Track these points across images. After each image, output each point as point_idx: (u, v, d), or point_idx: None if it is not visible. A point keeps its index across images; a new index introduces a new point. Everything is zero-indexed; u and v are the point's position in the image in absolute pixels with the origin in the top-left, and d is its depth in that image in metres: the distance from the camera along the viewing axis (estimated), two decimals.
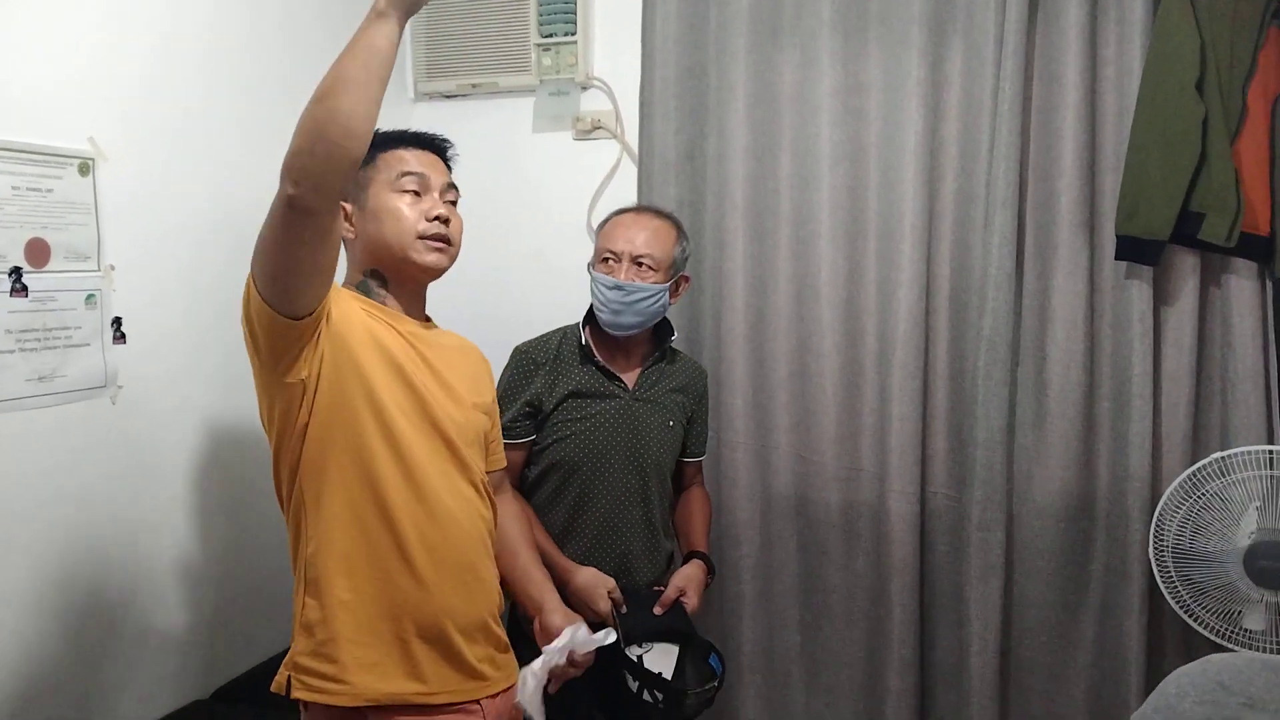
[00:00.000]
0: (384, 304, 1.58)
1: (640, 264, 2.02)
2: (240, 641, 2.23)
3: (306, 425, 1.44)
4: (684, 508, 2.26)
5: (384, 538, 1.47)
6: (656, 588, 2.09)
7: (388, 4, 1.26)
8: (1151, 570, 2.25)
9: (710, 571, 2.17)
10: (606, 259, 2.05)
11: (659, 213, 2.13)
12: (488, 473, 1.70)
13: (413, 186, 1.56)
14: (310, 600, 1.48)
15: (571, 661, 1.72)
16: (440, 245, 1.57)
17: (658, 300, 2.04)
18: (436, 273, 1.60)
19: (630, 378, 2.11)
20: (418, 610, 1.49)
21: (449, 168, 1.67)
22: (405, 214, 1.54)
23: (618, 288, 2.00)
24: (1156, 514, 2.24)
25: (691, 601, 2.07)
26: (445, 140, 1.68)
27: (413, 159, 1.58)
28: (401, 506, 1.48)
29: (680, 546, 2.24)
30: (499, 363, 2.20)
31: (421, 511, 1.50)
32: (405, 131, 1.62)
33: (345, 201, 1.53)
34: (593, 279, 2.06)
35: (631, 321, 2.04)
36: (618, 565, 2.06)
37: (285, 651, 2.17)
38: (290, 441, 1.46)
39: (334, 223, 1.34)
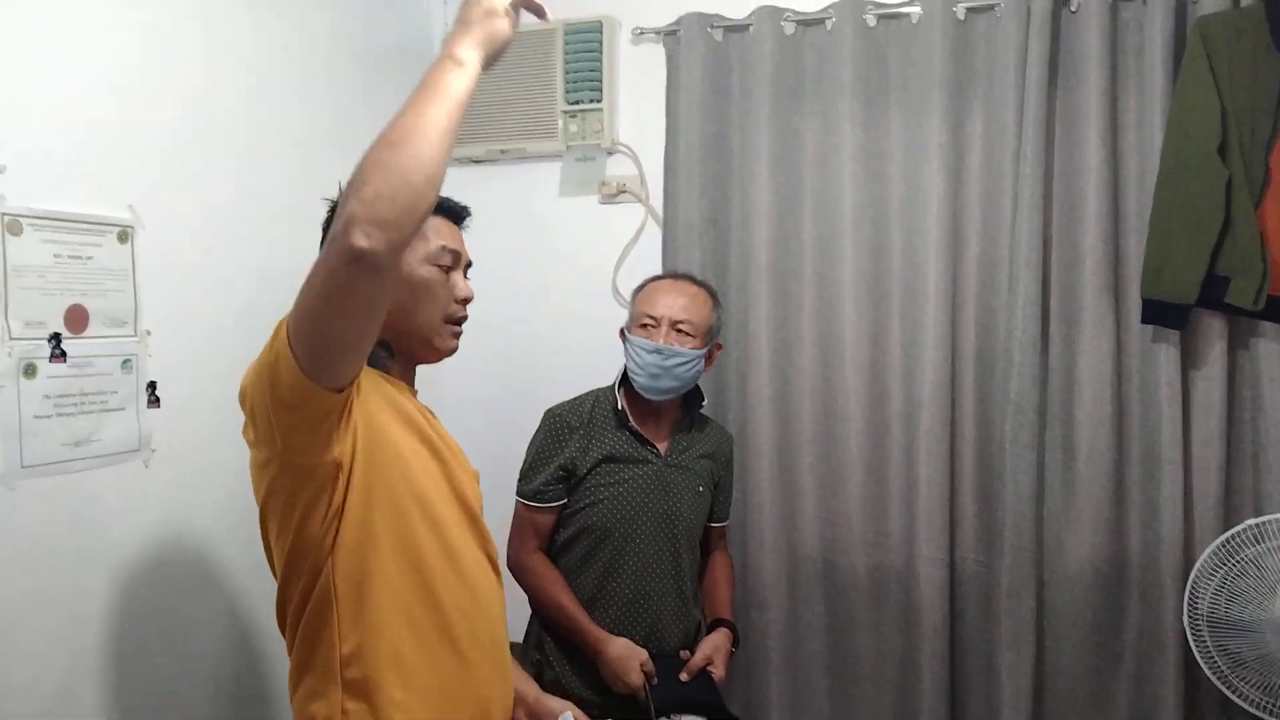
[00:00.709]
0: (390, 374, 1.47)
1: (679, 329, 2.05)
2: (265, 705, 2.22)
3: (340, 510, 1.31)
4: (709, 574, 2.26)
5: (432, 626, 1.37)
6: (683, 653, 2.08)
7: (471, 55, 1.20)
8: (1187, 639, 2.21)
9: (735, 640, 2.16)
10: (645, 324, 2.06)
11: (695, 280, 2.16)
12: None
13: (447, 262, 1.47)
14: (353, 704, 1.33)
15: None
16: (460, 331, 1.52)
17: (694, 366, 2.06)
18: (445, 358, 1.53)
19: (662, 444, 2.12)
20: (468, 698, 1.41)
21: None
22: (438, 293, 1.46)
23: (657, 351, 2.02)
24: (1190, 581, 2.20)
25: (718, 671, 2.05)
26: (468, 210, 1.59)
27: (448, 232, 1.50)
28: (447, 591, 1.39)
29: (705, 614, 2.22)
30: (528, 424, 2.22)
31: (464, 594, 1.42)
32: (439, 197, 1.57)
33: None
34: (630, 343, 2.08)
35: (669, 386, 2.06)
36: (648, 633, 2.05)
37: None
38: (316, 531, 1.31)
39: (393, 282, 1.21)
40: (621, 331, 2.15)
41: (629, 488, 2.06)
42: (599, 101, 2.73)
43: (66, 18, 1.75)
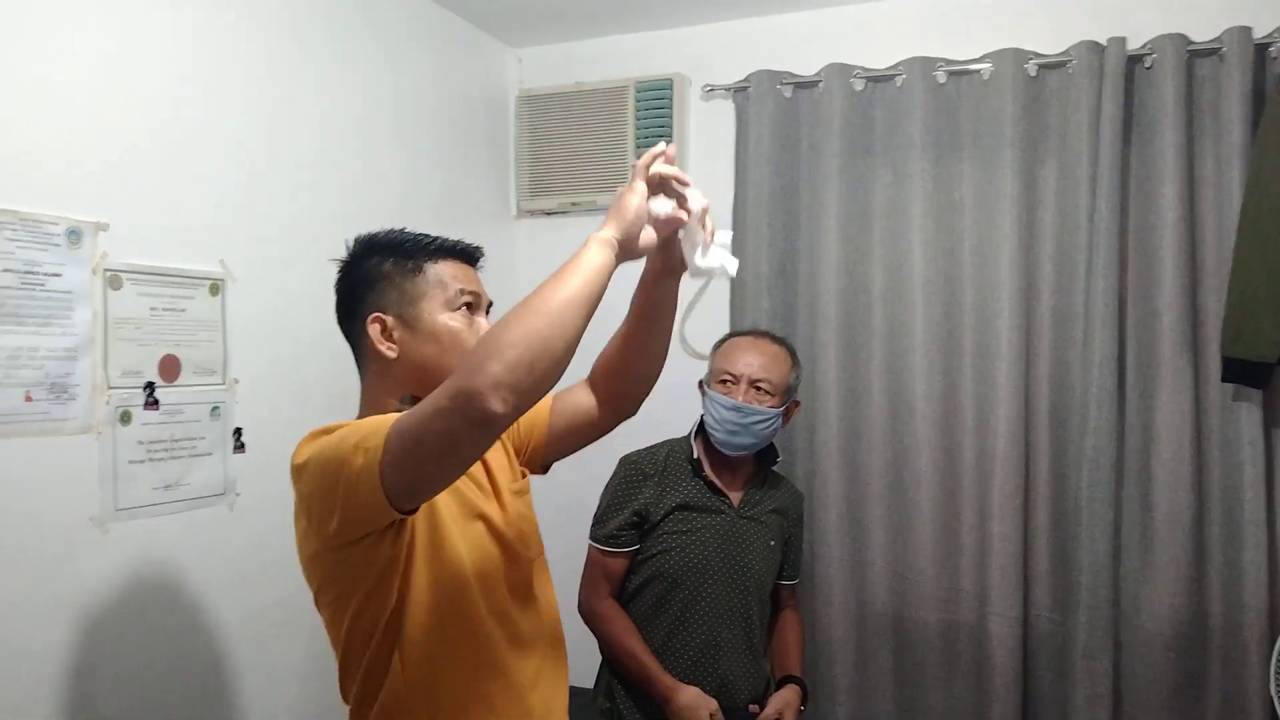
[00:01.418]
0: None
1: (758, 387, 2.06)
2: None
3: (402, 600, 1.30)
4: (779, 631, 2.25)
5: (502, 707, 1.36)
6: (752, 707, 2.07)
7: (617, 243, 1.24)
8: (1274, 706, 2.14)
9: (805, 697, 2.14)
10: (725, 380, 2.08)
11: (775, 338, 2.17)
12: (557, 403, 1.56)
13: (467, 302, 1.41)
14: None
15: None
16: None
17: (772, 424, 2.07)
18: None
19: (735, 495, 2.13)
20: None
21: None
22: (466, 339, 1.38)
23: (736, 409, 2.04)
24: (1278, 647, 2.14)
25: None
26: (481, 250, 1.50)
27: (463, 275, 1.43)
28: (512, 663, 1.38)
29: (774, 669, 2.21)
30: (601, 472, 2.24)
31: (527, 667, 1.40)
32: (446, 240, 1.46)
33: (383, 314, 1.38)
34: (708, 397, 2.10)
35: (746, 443, 2.08)
36: (718, 685, 2.04)
37: None
38: (373, 619, 1.30)
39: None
40: (700, 384, 2.17)
41: (701, 537, 2.06)
42: None
43: (167, 81, 1.84)
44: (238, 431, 1.98)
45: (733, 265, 1.38)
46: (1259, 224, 2.16)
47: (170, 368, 1.84)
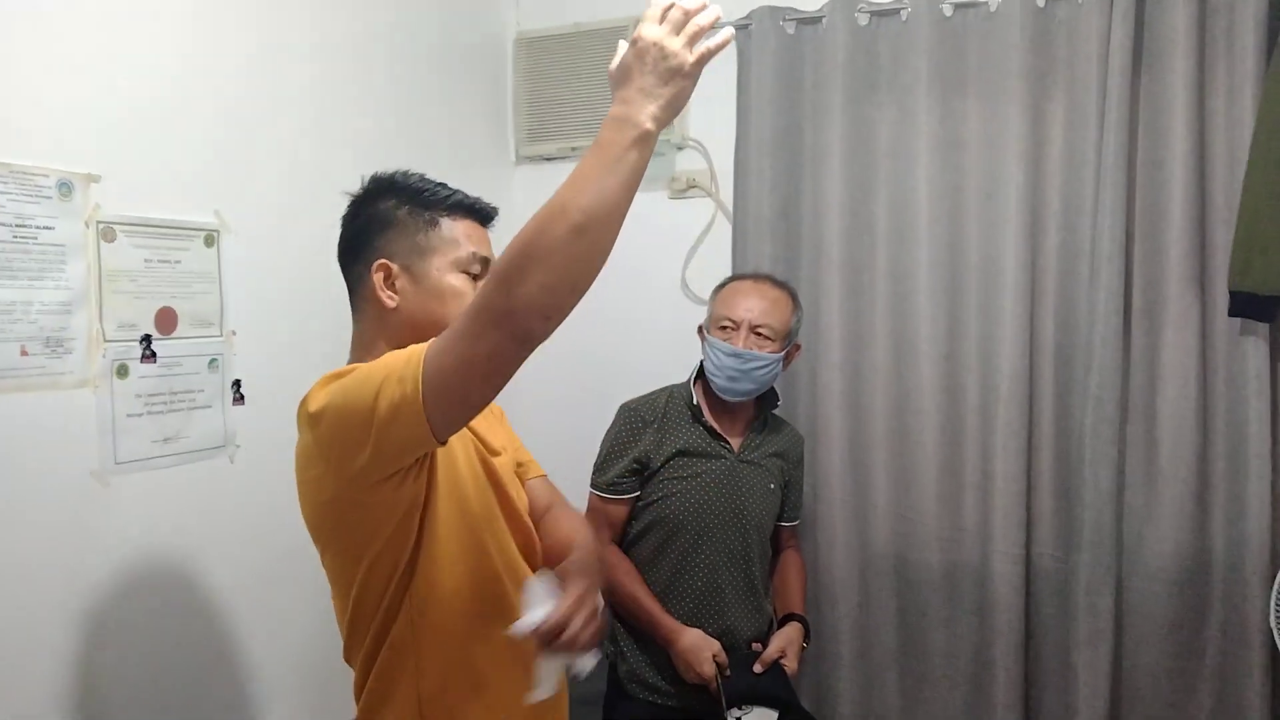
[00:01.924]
0: None
1: (758, 333, 2.04)
2: (350, 688, 2.28)
3: (416, 546, 1.30)
4: (780, 570, 2.26)
5: (505, 647, 1.34)
6: (755, 645, 2.09)
7: (656, 122, 1.12)
8: (1273, 639, 2.15)
9: (807, 634, 2.16)
10: (725, 326, 2.06)
11: (776, 282, 2.15)
12: (527, 480, 1.58)
13: (477, 270, 1.41)
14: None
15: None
16: None
17: (772, 369, 2.06)
18: None
19: (735, 440, 2.12)
20: (544, 710, 1.39)
21: None
22: (468, 300, 1.30)
23: (736, 355, 2.02)
24: (1278, 581, 2.14)
25: (790, 665, 2.06)
26: (497, 211, 1.51)
27: (479, 237, 1.43)
28: (509, 593, 1.38)
29: (776, 609, 2.23)
30: (600, 420, 2.24)
31: (516, 591, 1.38)
32: (467, 196, 1.44)
33: (390, 261, 1.37)
34: (708, 343, 2.08)
35: (746, 389, 2.07)
36: (720, 626, 2.06)
37: None
38: (388, 568, 1.31)
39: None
40: (700, 329, 2.15)
41: (702, 482, 2.07)
42: None
43: (157, 32, 1.81)
44: (237, 383, 1.98)
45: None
46: (1271, 153, 2.11)
47: (167, 320, 1.84)
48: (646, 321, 2.79)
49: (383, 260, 1.37)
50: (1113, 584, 2.36)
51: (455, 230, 1.39)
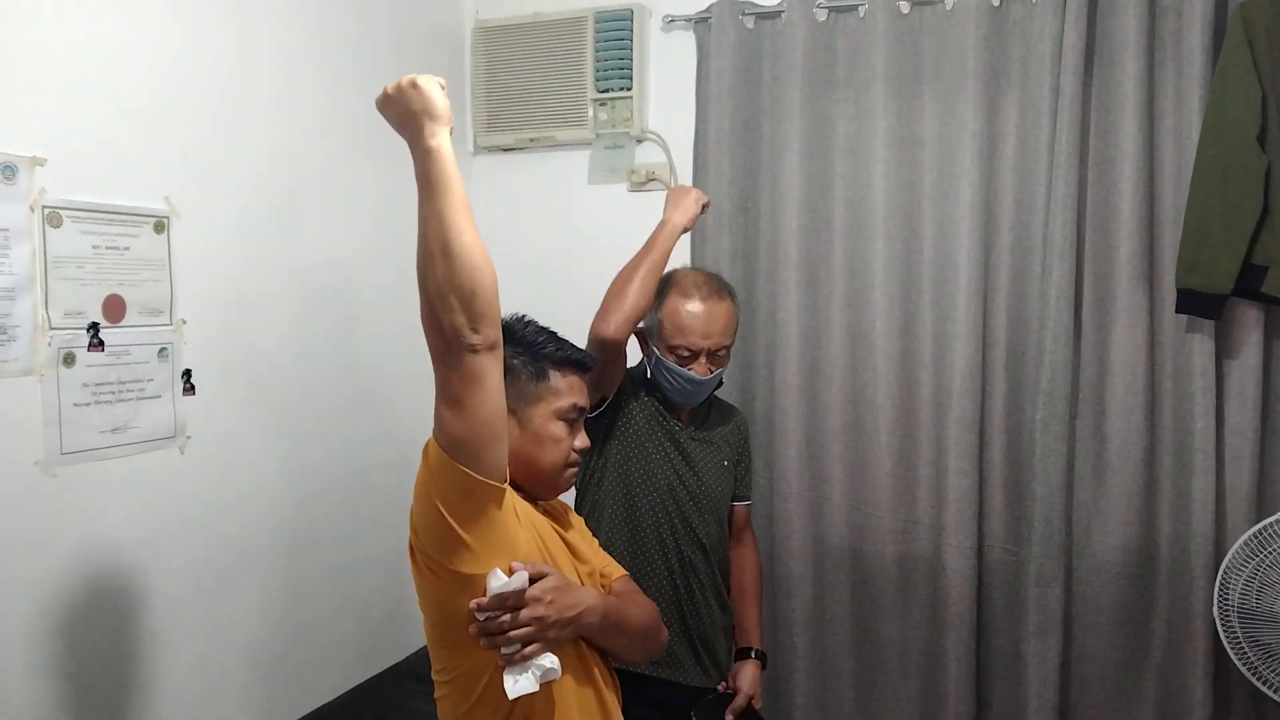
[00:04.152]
0: None
1: (717, 355, 2.02)
2: (298, 683, 2.26)
3: None
4: (737, 579, 2.22)
5: None
6: (722, 685, 2.09)
7: (432, 137, 1.29)
8: (1217, 630, 2.20)
9: (764, 663, 2.19)
10: (684, 355, 1.99)
11: (722, 292, 2.05)
12: (611, 584, 1.67)
13: (573, 418, 1.54)
14: None
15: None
16: (575, 473, 1.58)
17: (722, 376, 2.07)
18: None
19: (684, 421, 2.11)
20: None
21: None
22: (564, 446, 1.53)
23: (698, 383, 2.00)
24: (1221, 572, 2.19)
25: (758, 703, 2.11)
26: (595, 361, 1.67)
27: (579, 389, 1.56)
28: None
29: (735, 630, 2.21)
30: None
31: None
32: (571, 351, 1.58)
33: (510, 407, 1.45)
34: (663, 365, 2.01)
35: (701, 399, 2.08)
36: (682, 607, 2.04)
37: (348, 692, 2.20)
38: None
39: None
40: (644, 341, 2.09)
41: (661, 455, 2.04)
42: (628, 89, 2.73)
43: (102, 12, 1.77)
44: (187, 373, 1.95)
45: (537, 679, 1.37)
46: (1217, 154, 2.16)
47: (115, 308, 1.80)
48: None
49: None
50: (1062, 576, 2.40)
51: (560, 383, 1.53)
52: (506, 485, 1.36)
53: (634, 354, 2.06)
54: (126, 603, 1.84)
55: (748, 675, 2.13)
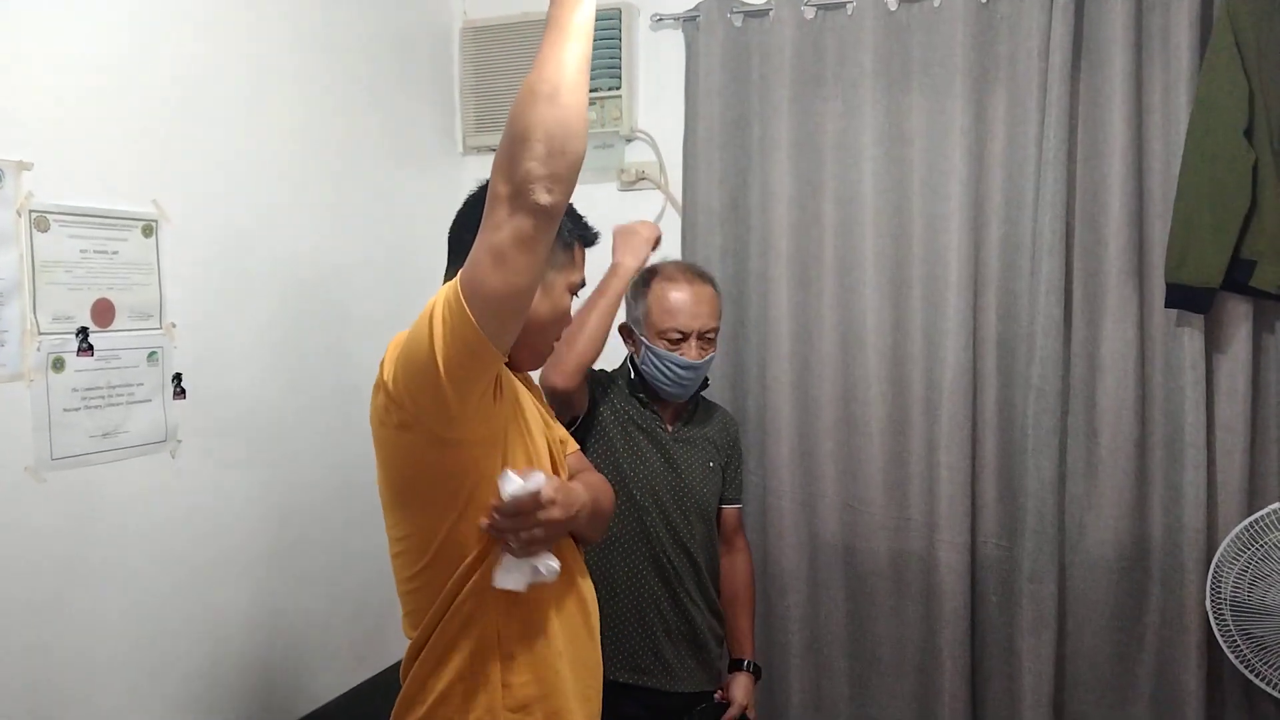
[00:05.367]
0: None
1: (706, 337, 2.04)
2: (293, 687, 2.26)
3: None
4: (729, 588, 2.23)
5: (579, 616, 1.49)
6: (718, 696, 2.09)
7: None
8: (1209, 623, 2.21)
9: (758, 675, 2.21)
10: (674, 339, 2.01)
11: (705, 278, 2.09)
12: (566, 455, 1.65)
13: (578, 293, 1.59)
14: (515, 677, 1.39)
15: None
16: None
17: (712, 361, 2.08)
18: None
19: (669, 423, 2.12)
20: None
21: None
22: (565, 320, 1.56)
23: (691, 367, 2.01)
24: (1213, 565, 2.20)
25: (752, 715, 2.13)
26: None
27: (583, 262, 1.59)
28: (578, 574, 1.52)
29: (729, 642, 2.21)
30: None
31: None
32: (589, 228, 1.61)
33: None
34: (653, 353, 2.02)
35: (694, 389, 2.08)
36: (664, 610, 2.04)
37: (342, 696, 2.18)
38: (476, 515, 1.34)
39: None
40: (630, 334, 2.10)
41: (645, 455, 2.04)
42: (618, 88, 2.73)
43: (90, 15, 1.76)
44: (177, 377, 1.94)
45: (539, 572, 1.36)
46: (1204, 149, 2.17)
47: (104, 312, 1.79)
48: None
49: None
50: (1055, 571, 2.40)
51: (579, 256, 1.54)
52: (503, 361, 1.29)
53: (608, 359, 2.06)
54: (116, 608, 1.83)
55: (741, 686, 2.15)
